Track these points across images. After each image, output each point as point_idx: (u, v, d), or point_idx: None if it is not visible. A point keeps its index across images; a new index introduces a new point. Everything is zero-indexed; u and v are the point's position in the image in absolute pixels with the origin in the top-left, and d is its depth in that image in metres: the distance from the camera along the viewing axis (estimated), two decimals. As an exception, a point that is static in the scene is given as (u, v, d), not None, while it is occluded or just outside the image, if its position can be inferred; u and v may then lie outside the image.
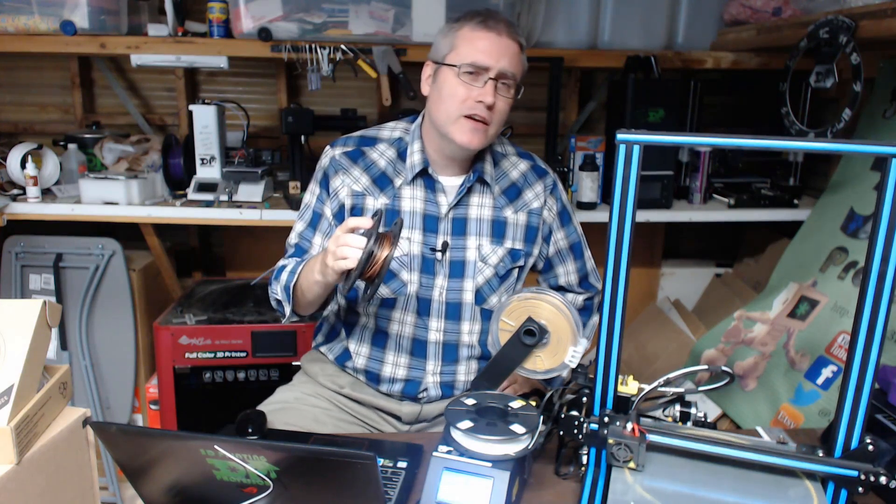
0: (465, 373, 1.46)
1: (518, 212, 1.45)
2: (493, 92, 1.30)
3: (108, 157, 2.37)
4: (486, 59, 1.30)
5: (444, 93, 1.33)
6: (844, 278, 1.91)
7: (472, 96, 1.31)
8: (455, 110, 1.32)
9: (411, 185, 1.40)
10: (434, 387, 1.44)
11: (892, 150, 0.84)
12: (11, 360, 0.88)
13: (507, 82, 1.33)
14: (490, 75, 1.30)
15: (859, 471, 0.93)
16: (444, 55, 1.34)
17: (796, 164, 2.45)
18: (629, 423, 1.00)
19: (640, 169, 0.93)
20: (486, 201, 1.43)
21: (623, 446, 0.99)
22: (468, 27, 1.32)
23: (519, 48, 1.35)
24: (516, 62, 1.34)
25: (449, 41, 1.34)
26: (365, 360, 1.45)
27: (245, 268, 2.82)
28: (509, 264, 1.44)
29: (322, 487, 0.86)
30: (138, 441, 0.89)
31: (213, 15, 2.28)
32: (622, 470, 1.01)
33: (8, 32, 2.21)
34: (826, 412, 1.72)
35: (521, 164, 1.49)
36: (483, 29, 1.31)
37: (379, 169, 1.42)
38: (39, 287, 2.35)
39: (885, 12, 1.64)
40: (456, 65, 1.31)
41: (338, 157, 1.42)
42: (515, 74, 1.34)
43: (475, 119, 1.32)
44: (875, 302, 0.89)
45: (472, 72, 1.30)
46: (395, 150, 1.43)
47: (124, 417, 2.44)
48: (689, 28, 2.46)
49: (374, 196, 1.40)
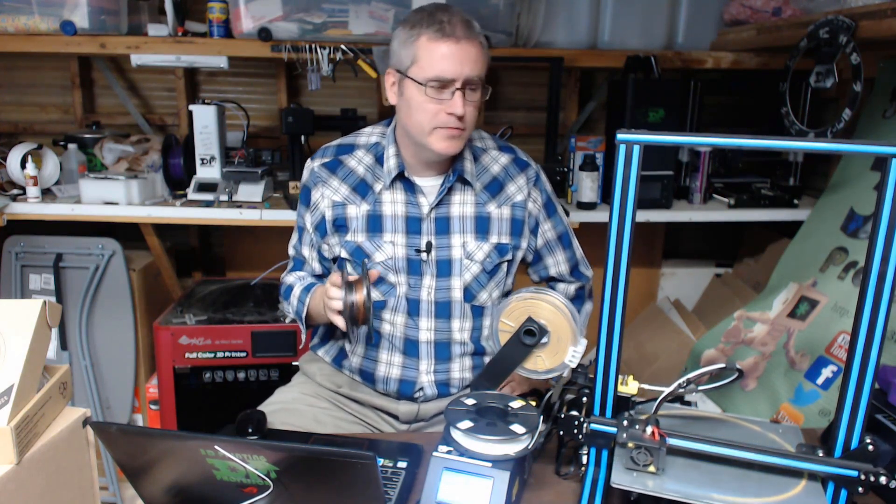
0: (460, 370, 1.47)
1: (502, 206, 1.45)
2: (463, 101, 1.29)
3: (108, 157, 2.37)
4: (450, 71, 1.28)
5: (413, 106, 1.32)
6: (844, 278, 1.92)
7: (442, 109, 1.30)
8: (428, 123, 1.32)
9: (391, 189, 1.41)
10: (430, 385, 1.45)
11: (892, 150, 0.84)
12: (11, 360, 0.88)
13: (472, 86, 1.31)
14: (456, 86, 1.29)
15: (859, 471, 0.93)
16: (406, 67, 1.32)
17: (796, 164, 2.45)
18: (648, 426, 0.99)
19: (640, 169, 0.93)
20: (468, 198, 1.43)
21: (643, 450, 0.98)
22: (426, 37, 1.29)
23: (480, 47, 1.32)
24: (480, 64, 1.31)
25: (409, 53, 1.31)
26: (360, 359, 1.47)
27: (245, 268, 2.82)
28: (496, 259, 1.44)
29: (322, 487, 0.86)
30: (138, 441, 0.89)
31: (213, 15, 2.28)
32: (621, 470, 1.01)
33: (8, 32, 2.21)
34: (826, 412, 1.72)
35: (501, 157, 1.48)
36: (442, 38, 1.28)
37: (358, 176, 1.43)
38: (39, 287, 2.35)
39: (885, 12, 1.64)
40: (421, 82, 1.29)
41: (316, 170, 1.45)
42: (481, 76, 1.32)
43: (450, 127, 1.32)
44: (875, 302, 0.89)
45: (437, 86, 1.29)
46: (372, 155, 1.44)
47: (124, 417, 2.44)
48: (689, 28, 2.46)
49: (356, 204, 1.42)
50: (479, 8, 2.29)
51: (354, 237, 1.41)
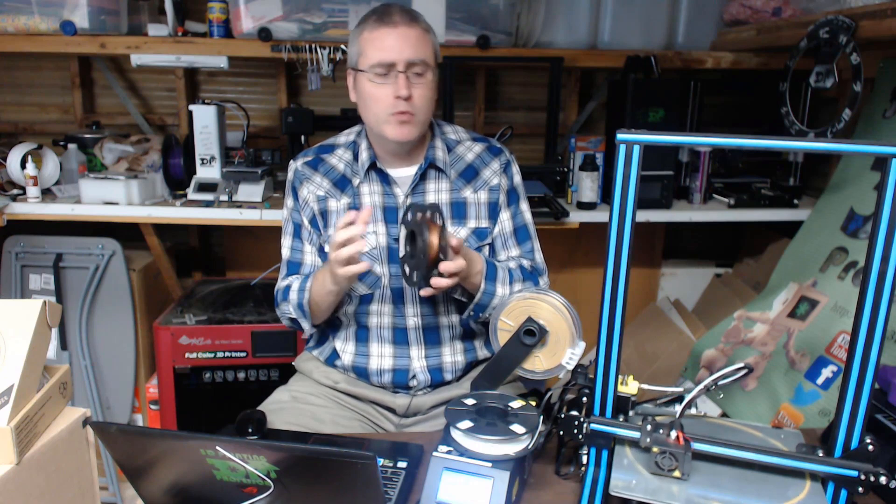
0: (451, 353, 1.49)
1: (478, 191, 1.48)
2: (407, 83, 1.33)
3: (108, 157, 2.37)
4: (389, 54, 1.33)
5: (365, 98, 1.38)
6: (844, 278, 1.92)
7: (389, 94, 1.34)
8: (381, 111, 1.36)
9: (367, 181, 1.46)
10: (422, 371, 1.46)
11: (892, 150, 0.84)
12: (11, 360, 0.88)
13: (417, 70, 1.35)
14: (399, 69, 1.33)
15: (859, 471, 0.93)
16: (355, 62, 1.39)
17: (796, 164, 2.45)
18: (673, 431, 0.98)
19: (640, 169, 0.94)
20: (443, 186, 1.47)
21: (668, 455, 0.97)
22: (367, 29, 1.36)
23: (421, 32, 1.36)
24: (421, 48, 1.35)
25: (356, 48, 1.38)
26: (351, 356, 1.49)
27: (245, 268, 2.82)
28: (475, 244, 1.46)
29: (322, 487, 0.86)
30: (138, 441, 0.89)
31: (213, 15, 2.28)
32: (622, 470, 1.01)
33: (8, 32, 2.21)
34: (826, 412, 1.72)
35: (475, 146, 1.52)
36: (379, 26, 1.34)
37: (338, 172, 1.48)
38: (39, 287, 2.35)
39: (885, 12, 1.64)
40: (365, 70, 1.36)
41: (300, 168, 1.50)
42: (425, 59, 1.36)
43: (400, 113, 1.35)
44: (875, 302, 0.89)
45: (381, 73, 1.34)
46: (350, 152, 1.50)
47: (124, 417, 2.44)
48: (689, 28, 2.46)
49: (336, 198, 1.47)
50: (480, 8, 2.29)
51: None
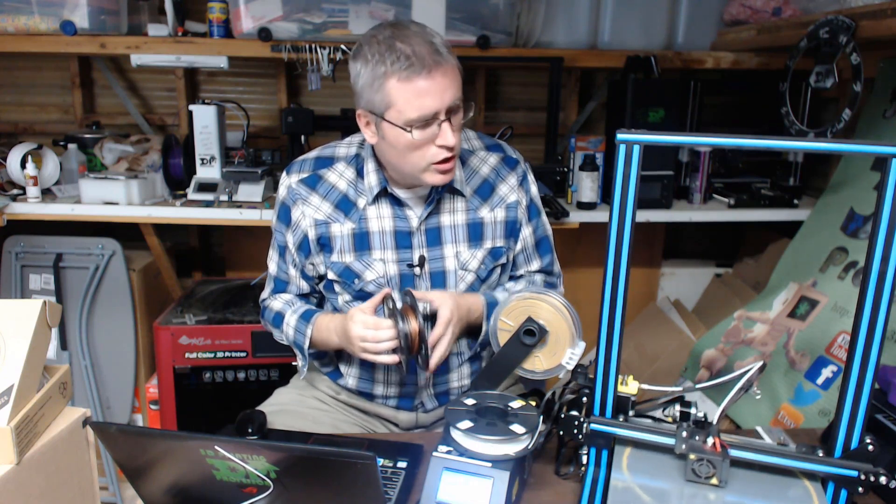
0: (458, 379, 1.44)
1: (494, 209, 1.38)
2: (451, 129, 1.21)
3: (108, 157, 2.37)
4: (431, 107, 1.18)
5: (399, 148, 1.22)
6: (844, 278, 1.91)
7: (431, 143, 1.21)
8: (421, 161, 1.23)
9: (375, 204, 1.33)
10: (430, 399, 1.43)
11: (892, 150, 0.84)
12: (11, 360, 0.88)
13: (455, 111, 1.22)
14: (441, 118, 1.19)
15: (859, 471, 0.93)
16: (381, 112, 1.20)
17: (796, 164, 2.45)
18: (710, 437, 0.97)
19: (640, 169, 0.94)
20: (459, 205, 1.36)
21: (705, 462, 0.96)
22: (395, 78, 1.17)
23: (452, 68, 1.20)
24: (457, 84, 1.21)
25: (381, 98, 1.19)
26: (356, 380, 1.43)
27: (245, 268, 2.82)
28: (490, 265, 1.38)
29: (322, 487, 0.86)
30: (138, 441, 0.89)
31: (213, 15, 2.28)
32: (622, 470, 1.01)
33: (8, 32, 2.21)
34: (826, 412, 1.72)
35: (490, 158, 1.40)
36: (412, 76, 1.16)
37: (339, 192, 1.34)
38: (39, 287, 2.35)
39: (885, 12, 1.64)
40: (403, 127, 1.19)
41: (294, 187, 1.35)
42: (460, 97, 1.22)
43: (445, 161, 1.23)
44: (875, 302, 0.89)
45: (421, 126, 1.19)
46: (353, 168, 1.35)
47: (124, 417, 2.44)
48: (689, 28, 2.46)
49: (340, 222, 1.33)
50: (479, 8, 2.29)
51: (342, 257, 1.34)
